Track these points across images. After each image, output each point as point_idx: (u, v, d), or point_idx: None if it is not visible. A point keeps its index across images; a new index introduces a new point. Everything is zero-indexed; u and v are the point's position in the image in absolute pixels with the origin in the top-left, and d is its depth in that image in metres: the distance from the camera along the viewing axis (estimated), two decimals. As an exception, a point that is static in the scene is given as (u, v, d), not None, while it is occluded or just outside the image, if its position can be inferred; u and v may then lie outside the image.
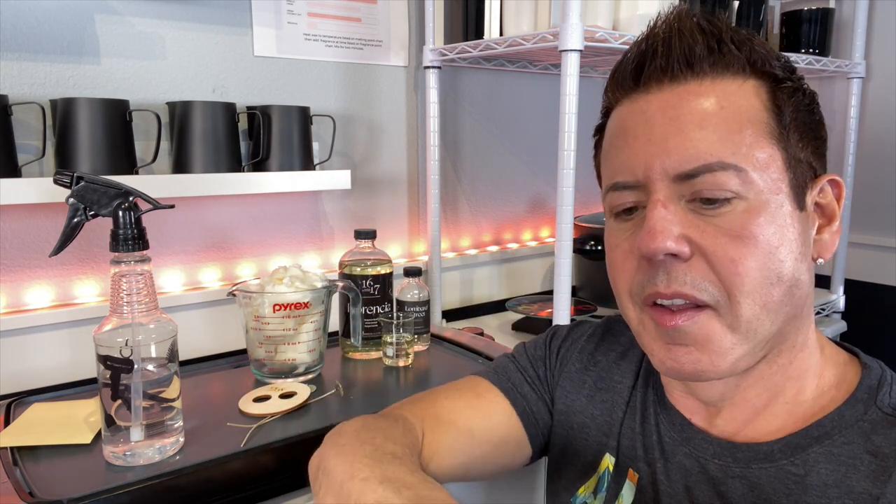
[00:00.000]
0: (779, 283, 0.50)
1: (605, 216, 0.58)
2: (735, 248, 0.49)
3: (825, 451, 0.51)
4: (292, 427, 0.86)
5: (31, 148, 1.06)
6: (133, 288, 0.76)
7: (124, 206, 0.78)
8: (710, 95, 0.51)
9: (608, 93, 0.58)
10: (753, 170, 0.49)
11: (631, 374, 0.67)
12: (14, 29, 1.05)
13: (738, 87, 0.51)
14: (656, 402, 0.62)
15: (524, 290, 1.73)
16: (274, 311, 0.99)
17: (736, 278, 0.49)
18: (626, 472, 0.62)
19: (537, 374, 0.72)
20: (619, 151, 0.54)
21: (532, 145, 1.74)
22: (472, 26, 1.36)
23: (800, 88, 0.53)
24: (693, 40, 0.51)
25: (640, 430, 0.62)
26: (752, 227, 0.49)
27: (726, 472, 0.54)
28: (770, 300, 0.50)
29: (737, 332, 0.50)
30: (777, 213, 0.50)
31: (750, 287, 0.49)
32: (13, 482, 0.72)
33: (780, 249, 0.50)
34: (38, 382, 1.06)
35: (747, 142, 0.50)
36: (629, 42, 1.17)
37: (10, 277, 1.09)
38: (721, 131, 0.50)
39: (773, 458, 0.53)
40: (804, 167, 0.52)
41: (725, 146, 0.49)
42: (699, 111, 0.50)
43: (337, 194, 1.41)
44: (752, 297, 0.49)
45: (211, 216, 1.26)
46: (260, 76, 1.28)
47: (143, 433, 0.77)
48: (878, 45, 1.81)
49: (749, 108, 0.51)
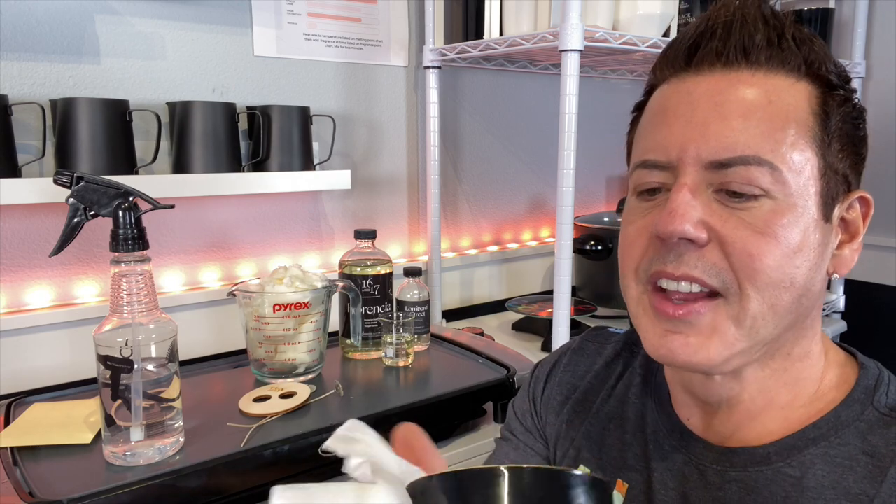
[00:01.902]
0: (791, 288, 0.49)
1: (628, 195, 0.57)
2: (755, 242, 0.48)
3: (821, 453, 0.51)
4: (292, 427, 0.86)
5: (31, 148, 1.06)
6: (133, 288, 0.76)
7: (124, 206, 0.78)
8: (760, 87, 0.50)
9: (655, 70, 0.56)
10: (788, 171, 0.48)
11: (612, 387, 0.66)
12: (14, 29, 1.05)
13: (790, 86, 0.50)
14: (655, 410, 0.61)
15: (524, 290, 1.73)
16: (274, 311, 0.99)
17: (751, 271, 0.48)
18: (614, 482, 0.61)
19: (525, 428, 0.72)
20: (655, 129, 0.53)
21: (532, 145, 1.74)
22: (472, 26, 1.36)
23: (850, 99, 0.52)
24: (755, 28, 0.50)
25: (631, 439, 0.61)
26: (776, 227, 0.48)
27: (723, 477, 0.54)
28: (779, 303, 0.49)
29: (741, 328, 0.49)
30: (802, 218, 0.49)
31: (763, 284, 0.48)
32: (13, 482, 0.72)
33: (798, 255, 0.49)
34: (38, 382, 1.06)
35: (788, 142, 0.49)
36: (629, 42, 1.17)
37: (10, 277, 1.09)
38: (764, 126, 0.49)
39: (769, 460, 0.52)
40: (839, 179, 0.51)
41: (765, 141, 0.48)
42: (746, 101, 0.49)
43: (337, 194, 1.41)
44: (763, 294, 0.49)
45: (211, 216, 1.26)
46: (260, 76, 1.28)
47: (143, 433, 0.77)
48: (878, 45, 1.81)
49: (797, 109, 0.50)
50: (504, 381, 1.02)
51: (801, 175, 0.49)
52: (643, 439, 0.60)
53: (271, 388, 0.98)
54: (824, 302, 1.81)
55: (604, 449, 0.63)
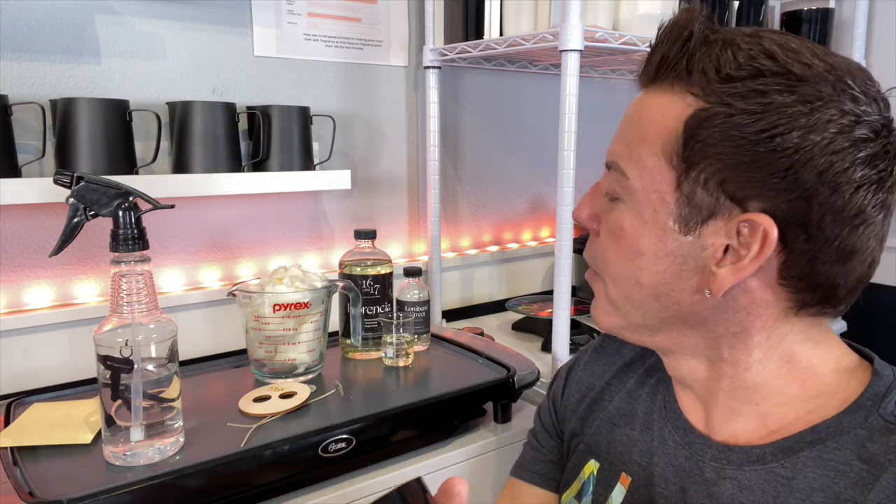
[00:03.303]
0: (639, 287, 0.55)
1: None
2: (607, 239, 0.57)
3: (815, 456, 0.51)
4: (292, 427, 0.86)
5: (31, 148, 1.06)
6: (133, 288, 0.76)
7: (124, 206, 0.78)
8: (642, 104, 0.54)
9: None
10: (636, 179, 0.53)
11: (628, 386, 0.68)
12: (14, 29, 1.05)
13: (668, 102, 0.52)
14: (663, 409, 0.63)
15: (524, 290, 1.73)
16: (274, 311, 0.99)
17: (603, 264, 0.58)
18: (617, 475, 0.63)
19: (544, 428, 0.77)
20: None
21: (532, 145, 1.74)
22: (472, 26, 1.36)
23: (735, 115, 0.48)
24: (668, 49, 0.52)
25: (639, 436, 0.63)
26: (618, 229, 0.55)
27: (719, 474, 0.55)
28: (631, 296, 0.56)
29: (611, 304, 0.58)
30: (649, 225, 0.53)
31: (611, 276, 0.57)
32: (13, 482, 0.72)
33: (640, 258, 0.54)
34: (38, 382, 1.06)
35: (642, 153, 0.52)
36: (629, 42, 1.17)
37: (10, 277, 1.09)
38: (628, 137, 0.54)
39: (764, 460, 0.53)
40: (708, 197, 0.50)
41: (624, 150, 0.54)
42: (628, 116, 0.56)
43: (337, 194, 1.41)
44: (615, 284, 0.57)
45: (211, 216, 1.26)
46: (260, 76, 1.28)
47: (143, 433, 0.77)
48: (878, 45, 1.81)
49: (661, 124, 0.51)
50: (504, 381, 1.02)
51: (651, 185, 0.52)
52: (649, 436, 0.62)
53: (271, 388, 0.98)
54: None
55: (612, 444, 0.65)
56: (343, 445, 0.85)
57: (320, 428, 0.85)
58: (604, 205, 0.57)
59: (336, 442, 0.85)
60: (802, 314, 0.53)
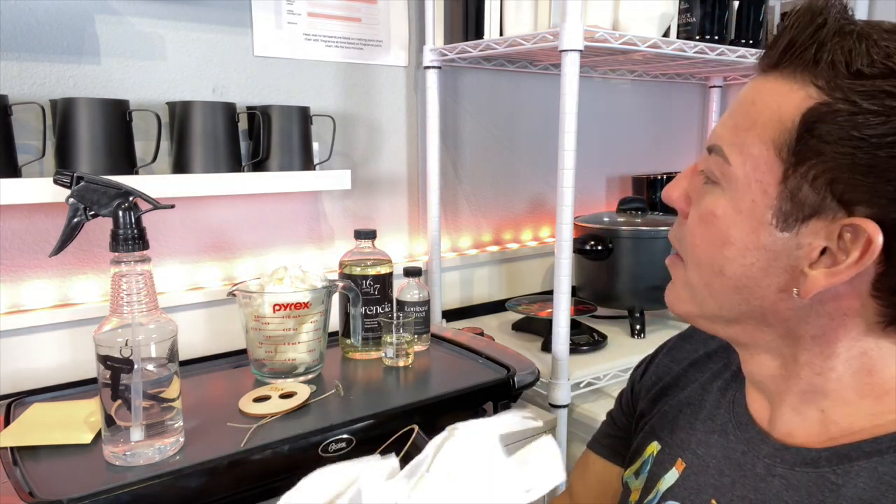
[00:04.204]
0: (721, 276, 0.53)
1: None
2: (696, 223, 0.55)
3: (869, 467, 0.49)
4: (292, 427, 0.86)
5: (31, 148, 1.06)
6: (133, 288, 0.76)
7: (124, 206, 0.78)
8: (758, 89, 0.51)
9: None
10: (739, 166, 0.51)
11: (703, 377, 0.69)
12: (14, 29, 1.05)
13: (788, 91, 0.49)
14: (731, 404, 0.63)
15: (524, 290, 1.73)
16: (274, 311, 0.99)
17: (689, 247, 0.55)
18: (674, 460, 0.63)
19: (620, 406, 0.79)
20: None
21: (532, 145, 1.74)
22: (472, 26, 1.36)
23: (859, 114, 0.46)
24: (797, 34, 0.49)
25: (701, 426, 0.64)
26: (710, 215, 0.53)
27: (770, 471, 0.54)
28: (712, 285, 0.54)
29: (689, 291, 0.56)
30: (744, 216, 0.51)
31: (694, 262, 0.55)
32: (13, 482, 0.72)
33: (728, 247, 0.52)
34: (38, 382, 1.06)
35: (749, 140, 0.50)
36: (629, 42, 1.17)
37: (10, 277, 1.09)
38: (736, 121, 0.52)
39: (818, 464, 0.52)
40: (814, 195, 0.48)
41: (730, 135, 0.52)
42: (740, 99, 0.53)
43: (337, 194, 1.41)
44: (697, 270, 0.55)
45: (211, 216, 1.26)
46: (260, 76, 1.28)
47: (143, 433, 0.77)
48: (878, 45, 1.81)
49: (776, 111, 0.49)
50: (504, 381, 1.02)
51: (753, 174, 0.50)
52: (711, 427, 0.63)
53: (271, 388, 0.98)
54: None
55: (675, 430, 0.66)
56: (343, 445, 0.85)
57: (320, 428, 0.85)
58: (698, 187, 0.55)
59: (336, 442, 0.85)
60: (890, 330, 0.50)
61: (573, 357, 1.16)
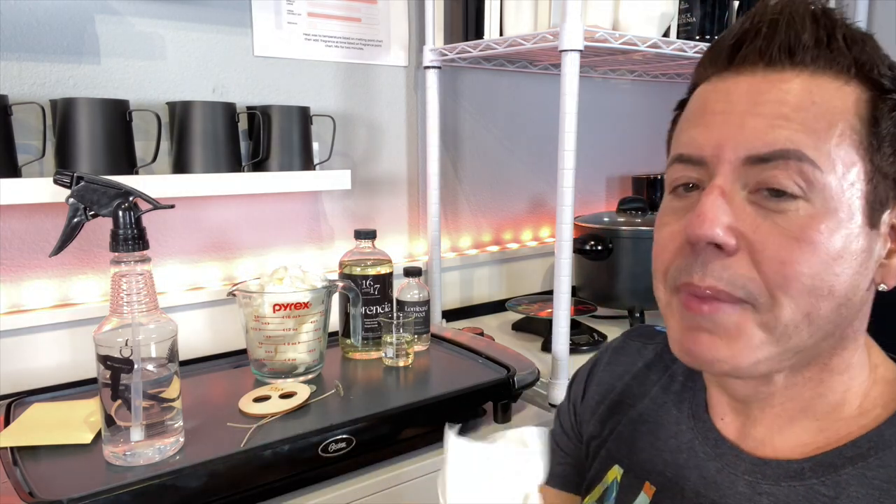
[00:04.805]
0: (829, 297, 0.46)
1: (665, 192, 0.55)
2: (788, 249, 0.45)
3: (858, 474, 0.48)
4: (292, 427, 0.86)
5: (31, 148, 1.06)
6: (133, 288, 0.76)
7: (124, 206, 0.78)
8: (804, 88, 0.47)
9: (699, 68, 0.54)
10: (830, 172, 0.46)
11: (653, 391, 0.65)
12: (14, 29, 1.05)
13: (837, 88, 0.47)
14: (691, 418, 0.60)
15: (524, 290, 1.73)
16: (274, 311, 0.99)
17: (782, 279, 0.46)
18: (641, 483, 0.60)
19: (563, 431, 0.73)
20: (693, 126, 0.51)
21: (532, 145, 1.74)
22: (472, 26, 1.36)
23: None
24: (802, 27, 0.47)
25: (664, 445, 0.60)
26: (813, 233, 0.45)
27: (755, 489, 0.52)
28: (815, 312, 0.47)
29: (770, 332, 0.47)
30: (844, 223, 0.46)
31: (797, 291, 0.46)
32: (13, 482, 0.72)
33: (838, 262, 0.46)
34: (38, 382, 1.06)
35: (833, 142, 0.46)
36: (629, 42, 1.17)
37: (10, 277, 1.09)
38: (808, 123, 0.46)
39: (803, 476, 0.50)
40: (889, 184, 0.48)
41: (808, 138, 0.46)
42: (789, 101, 0.47)
43: (337, 194, 1.41)
44: (797, 301, 0.46)
45: (211, 216, 1.26)
46: (260, 76, 1.28)
47: (143, 433, 0.77)
48: (878, 45, 1.81)
49: (844, 111, 0.47)
50: (504, 381, 1.02)
51: (844, 179, 0.46)
52: (676, 446, 0.59)
53: (271, 388, 0.98)
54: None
55: (634, 451, 0.62)
56: (343, 445, 0.85)
57: (320, 428, 0.85)
58: (748, 211, 0.47)
59: (336, 442, 0.85)
60: None
61: (573, 357, 1.16)
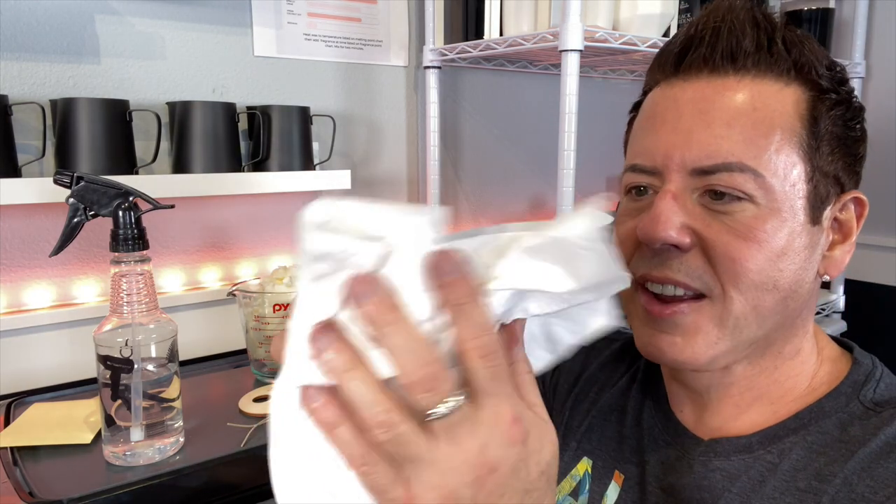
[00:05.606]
0: (774, 291, 0.50)
1: (622, 193, 0.59)
2: (737, 247, 0.49)
3: (799, 440, 0.52)
4: (292, 427, 0.86)
5: (31, 148, 1.06)
6: (133, 288, 0.76)
7: (124, 206, 0.78)
8: (746, 94, 0.50)
9: (649, 73, 0.57)
10: (772, 177, 0.49)
11: (621, 382, 0.67)
12: (14, 29, 1.05)
13: (777, 91, 0.50)
14: (652, 408, 0.63)
15: (524, 290, 1.73)
16: (274, 311, 0.99)
17: (733, 275, 0.49)
18: (611, 473, 0.63)
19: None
20: (644, 134, 0.55)
21: (532, 145, 1.74)
22: (472, 26, 1.36)
23: (844, 101, 0.52)
24: (743, 33, 0.50)
25: (629, 433, 0.63)
26: (758, 232, 0.49)
27: (707, 466, 0.55)
28: (762, 305, 0.50)
29: (723, 328, 0.51)
30: (787, 222, 0.49)
31: (745, 286, 0.49)
32: (13, 482, 0.72)
33: (782, 258, 0.49)
34: (38, 382, 1.06)
35: (773, 148, 0.49)
36: (629, 42, 1.17)
37: (10, 277, 1.09)
38: (748, 133, 0.49)
39: (751, 448, 0.53)
40: (829, 181, 0.51)
41: (749, 148, 0.49)
42: (731, 108, 0.49)
43: (337, 194, 1.41)
44: (745, 296, 0.50)
45: (211, 216, 1.26)
46: (260, 76, 1.28)
47: (143, 433, 0.77)
48: (878, 45, 1.81)
49: (783, 114, 0.50)
50: (504, 381, 1.02)
51: (786, 180, 0.49)
52: (639, 434, 0.62)
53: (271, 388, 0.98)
54: (824, 302, 1.81)
55: (602, 440, 0.65)
56: (343, 445, 0.85)
57: (320, 428, 0.85)
58: (699, 212, 0.50)
59: (336, 442, 0.85)
60: None
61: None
